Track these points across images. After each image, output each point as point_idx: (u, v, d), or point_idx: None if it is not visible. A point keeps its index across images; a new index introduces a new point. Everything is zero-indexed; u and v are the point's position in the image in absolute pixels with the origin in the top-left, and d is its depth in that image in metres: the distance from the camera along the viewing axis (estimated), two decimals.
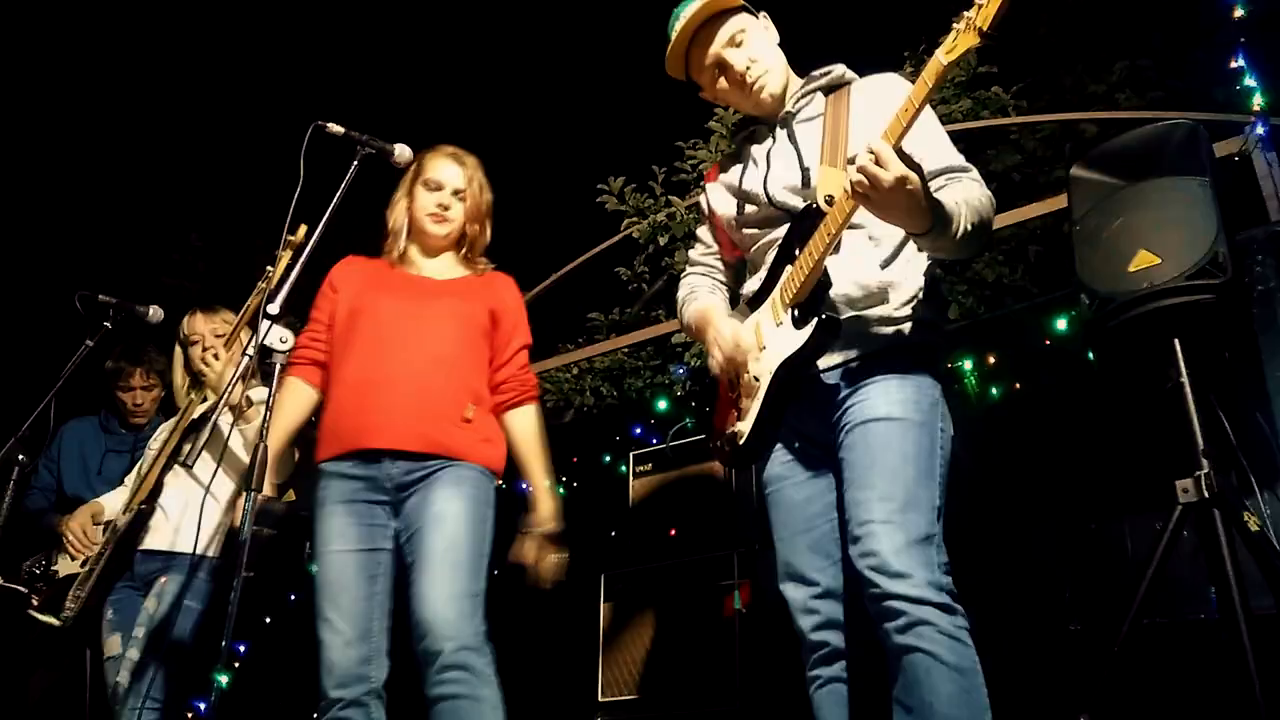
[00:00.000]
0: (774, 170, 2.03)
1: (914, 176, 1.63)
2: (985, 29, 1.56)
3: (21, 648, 3.16)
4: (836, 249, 1.84)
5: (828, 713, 1.89)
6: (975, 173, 1.91)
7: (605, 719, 3.44)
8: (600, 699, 3.47)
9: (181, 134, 7.76)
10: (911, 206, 1.67)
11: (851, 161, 1.71)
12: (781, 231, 2.00)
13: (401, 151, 2.42)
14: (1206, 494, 2.24)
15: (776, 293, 1.96)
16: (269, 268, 2.74)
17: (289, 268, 2.23)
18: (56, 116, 7.48)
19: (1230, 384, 2.59)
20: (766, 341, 1.96)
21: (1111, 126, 3.98)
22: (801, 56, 2.16)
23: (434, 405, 2.32)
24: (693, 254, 2.33)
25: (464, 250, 2.56)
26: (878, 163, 1.62)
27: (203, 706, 3.30)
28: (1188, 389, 2.37)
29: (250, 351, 2.13)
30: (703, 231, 2.30)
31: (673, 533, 3.62)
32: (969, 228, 1.75)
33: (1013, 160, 5.19)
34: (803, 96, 2.07)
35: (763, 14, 2.10)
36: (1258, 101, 3.25)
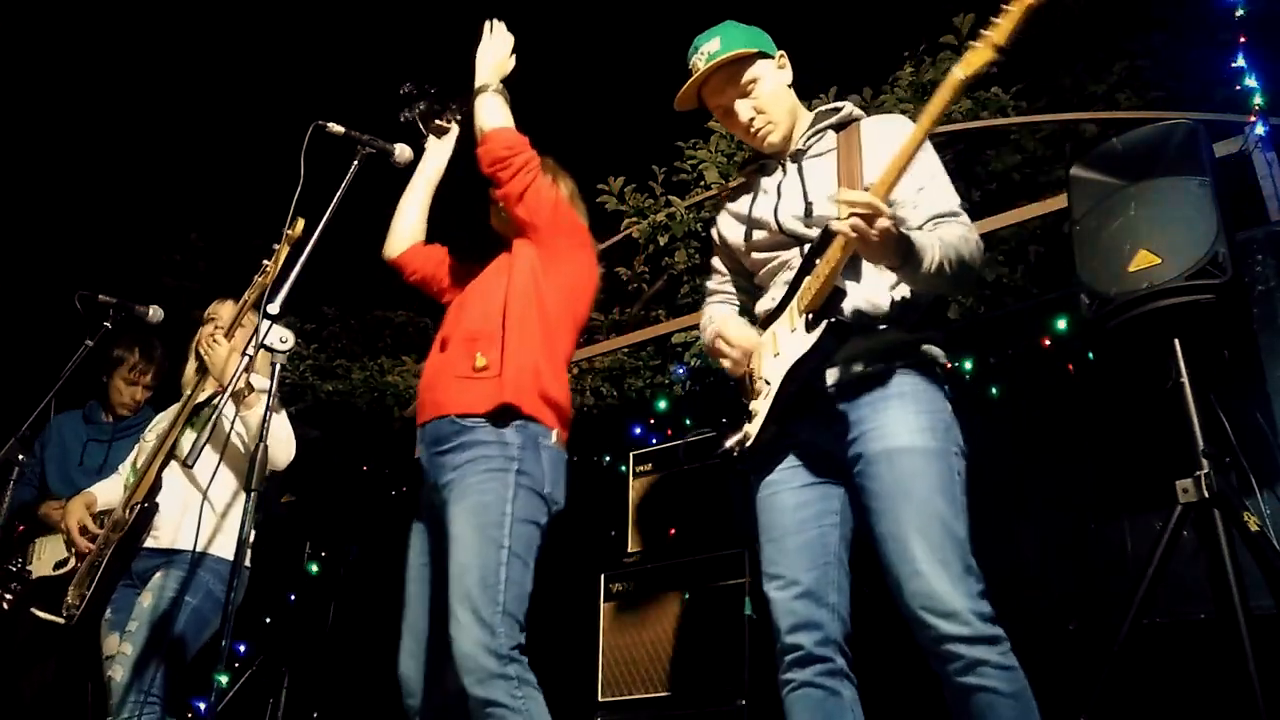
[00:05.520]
0: (784, 200, 2.12)
1: (887, 225, 1.76)
2: (1002, 44, 1.70)
3: (11, 648, 3.14)
4: (850, 268, 1.93)
5: (799, 717, 1.92)
6: (965, 217, 1.99)
7: (605, 719, 3.44)
8: (600, 699, 3.47)
9: (181, 134, 7.77)
10: (886, 244, 1.80)
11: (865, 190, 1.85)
12: (790, 254, 2.10)
13: (402, 151, 2.43)
14: (1206, 494, 2.24)
15: (794, 301, 2.02)
16: (265, 262, 2.75)
17: (288, 264, 2.23)
18: (56, 116, 7.48)
19: (1230, 384, 2.59)
20: (780, 347, 2.02)
21: (1111, 126, 3.98)
22: (805, 57, 2.18)
23: (444, 367, 2.32)
24: (709, 284, 2.40)
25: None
26: (870, 217, 1.75)
27: (203, 706, 3.29)
28: (1188, 389, 2.37)
29: (250, 351, 2.13)
30: (715, 262, 2.38)
31: (673, 532, 3.62)
32: (943, 265, 1.85)
33: (1013, 160, 5.19)
34: (814, 135, 2.15)
35: (780, 55, 2.18)
36: (1258, 101, 3.25)
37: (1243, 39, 3.36)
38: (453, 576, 2.11)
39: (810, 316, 1.94)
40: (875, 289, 1.99)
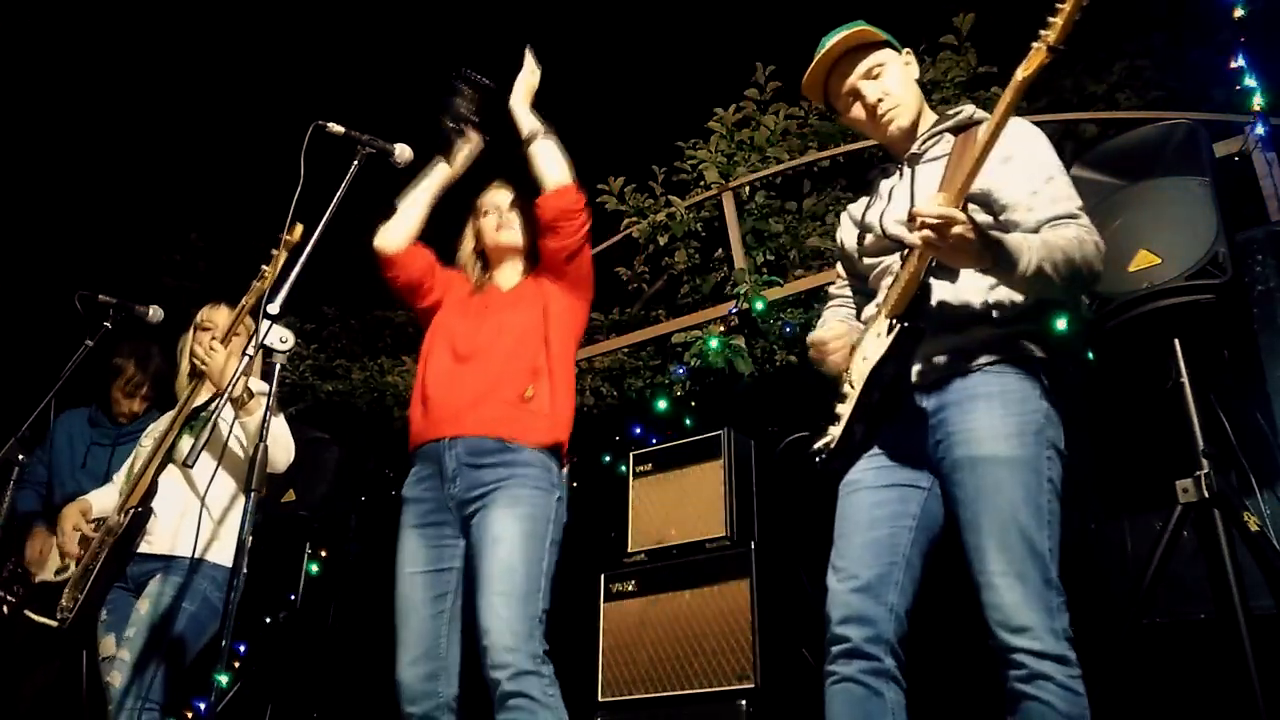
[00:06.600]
0: (892, 205, 2.12)
1: (962, 231, 1.75)
2: (1055, 44, 1.73)
3: (11, 651, 3.14)
4: (944, 269, 1.91)
5: (836, 711, 1.90)
6: (1085, 219, 1.94)
7: (605, 719, 3.44)
8: (600, 699, 3.47)
9: (181, 134, 7.76)
10: (967, 249, 1.78)
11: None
12: (894, 259, 2.08)
13: (402, 151, 2.43)
14: (1206, 494, 2.24)
15: (884, 307, 2.02)
16: (264, 267, 2.75)
17: (286, 267, 2.23)
18: (56, 116, 7.48)
19: (1230, 384, 2.59)
20: (867, 351, 2.02)
21: (1111, 126, 3.98)
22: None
23: (483, 386, 2.39)
24: (830, 289, 2.43)
25: (530, 260, 2.62)
26: (940, 227, 1.75)
27: (203, 706, 3.29)
28: (1188, 389, 2.37)
29: (250, 351, 2.13)
30: (838, 267, 2.41)
31: (673, 532, 3.62)
32: (1042, 269, 1.81)
33: None
34: (931, 137, 2.14)
35: (907, 50, 2.20)
36: (1258, 101, 3.25)
37: (1243, 39, 3.36)
38: (492, 573, 2.20)
39: (893, 322, 1.94)
40: (970, 289, 1.96)
